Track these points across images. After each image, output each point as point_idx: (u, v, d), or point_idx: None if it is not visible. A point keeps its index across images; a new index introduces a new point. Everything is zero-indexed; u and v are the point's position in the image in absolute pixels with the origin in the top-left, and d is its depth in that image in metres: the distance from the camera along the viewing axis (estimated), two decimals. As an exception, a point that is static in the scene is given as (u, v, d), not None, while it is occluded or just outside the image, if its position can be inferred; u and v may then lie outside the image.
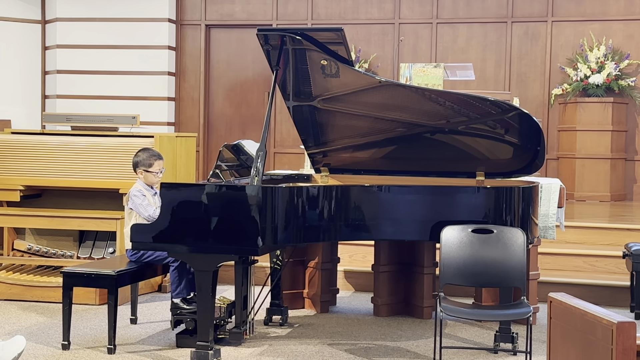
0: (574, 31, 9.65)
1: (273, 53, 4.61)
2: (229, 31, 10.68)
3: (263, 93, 10.45)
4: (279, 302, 5.34)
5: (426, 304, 5.51)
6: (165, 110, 10.48)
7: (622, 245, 6.00)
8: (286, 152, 10.41)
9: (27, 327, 5.11)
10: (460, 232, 4.31)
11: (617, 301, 5.91)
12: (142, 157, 4.96)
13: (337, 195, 4.31)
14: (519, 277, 4.24)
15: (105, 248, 6.16)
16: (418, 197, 4.45)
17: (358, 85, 4.79)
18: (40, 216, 5.96)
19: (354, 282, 6.45)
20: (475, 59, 9.76)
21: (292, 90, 4.93)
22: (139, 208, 4.82)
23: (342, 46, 4.53)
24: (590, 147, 9.20)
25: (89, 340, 4.81)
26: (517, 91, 9.61)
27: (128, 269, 4.73)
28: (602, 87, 9.21)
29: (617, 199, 9.22)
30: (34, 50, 10.70)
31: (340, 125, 5.10)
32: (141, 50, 10.43)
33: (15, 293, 5.85)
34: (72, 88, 10.50)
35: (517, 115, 4.65)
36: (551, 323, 3.12)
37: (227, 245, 4.13)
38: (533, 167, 4.77)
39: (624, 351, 2.55)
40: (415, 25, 10.09)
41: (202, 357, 4.19)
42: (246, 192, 4.10)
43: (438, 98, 4.80)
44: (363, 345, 4.84)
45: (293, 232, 4.18)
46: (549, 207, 5.36)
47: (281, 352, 4.63)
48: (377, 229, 4.43)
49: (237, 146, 5.07)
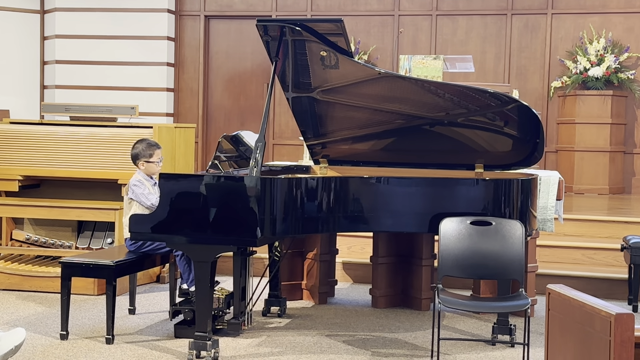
0: (573, 24, 9.64)
1: (272, 44, 4.60)
2: (228, 22, 10.65)
3: (262, 84, 10.44)
4: (278, 293, 5.35)
5: (424, 295, 5.52)
6: (164, 101, 10.47)
7: (620, 238, 6.01)
8: (285, 144, 10.40)
9: (25, 317, 5.11)
10: (459, 224, 4.31)
11: (615, 294, 5.92)
12: (140, 148, 4.96)
13: (336, 187, 4.31)
14: (517, 270, 4.24)
15: (103, 238, 6.16)
16: (417, 189, 4.45)
17: (357, 76, 4.78)
18: (39, 206, 5.96)
19: (353, 274, 6.45)
20: (475, 51, 9.74)
21: (291, 82, 4.92)
22: (141, 197, 4.82)
23: (342, 37, 4.51)
24: (589, 139, 9.19)
25: (88, 330, 4.82)
26: (517, 84, 9.59)
27: (126, 259, 4.73)
28: (602, 80, 9.20)
29: (615, 192, 9.22)
30: (32, 40, 10.67)
31: (340, 116, 5.09)
32: (140, 40, 10.41)
33: (13, 283, 5.85)
34: (70, 78, 10.47)
35: (516, 108, 4.64)
36: (549, 315, 3.13)
37: (226, 236, 4.13)
38: (532, 159, 4.76)
39: (622, 343, 2.56)
40: (415, 17, 10.07)
41: (200, 348, 4.19)
42: (245, 183, 4.10)
43: (437, 90, 4.79)
44: (361, 336, 4.85)
45: (292, 224, 4.18)
46: (547, 200, 5.36)
47: (279, 342, 4.63)
48: (375, 221, 4.43)
49: (236, 137, 5.06)
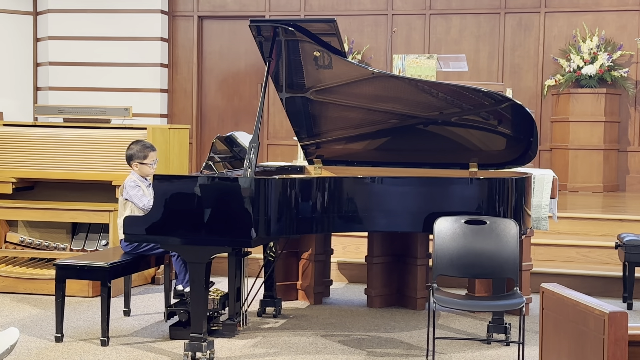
0: (567, 22, 9.66)
1: (266, 44, 4.60)
2: (222, 22, 10.64)
3: (256, 84, 10.43)
4: (273, 293, 5.34)
5: (419, 295, 5.53)
6: (158, 102, 10.46)
7: (614, 235, 6.02)
8: (279, 144, 10.40)
9: (20, 319, 5.10)
10: (453, 224, 4.32)
11: (610, 291, 5.93)
12: (135, 149, 4.96)
13: (330, 187, 4.31)
14: (511, 268, 4.25)
15: (98, 240, 6.15)
16: (411, 188, 4.45)
17: (351, 76, 4.78)
18: (33, 208, 5.95)
19: (348, 274, 6.45)
20: (469, 50, 9.76)
21: (284, 82, 4.92)
22: (134, 199, 4.82)
23: (335, 37, 4.51)
24: (583, 138, 9.21)
25: (82, 332, 4.81)
26: (510, 82, 9.61)
27: (121, 261, 4.72)
28: (595, 78, 9.21)
29: (609, 190, 9.24)
30: (25, 42, 10.65)
31: (334, 116, 5.09)
32: (133, 41, 10.40)
33: (7, 285, 5.83)
34: (64, 80, 10.45)
35: (510, 107, 4.65)
36: (543, 314, 3.13)
37: (220, 237, 4.12)
38: (526, 158, 4.77)
39: (615, 341, 2.57)
40: (408, 16, 10.07)
41: (195, 349, 4.19)
42: (239, 184, 4.09)
43: (431, 89, 4.79)
44: (356, 336, 4.85)
45: (286, 224, 4.18)
46: (541, 198, 5.37)
47: (275, 343, 4.63)
48: (370, 221, 4.43)
49: (230, 138, 5.06)
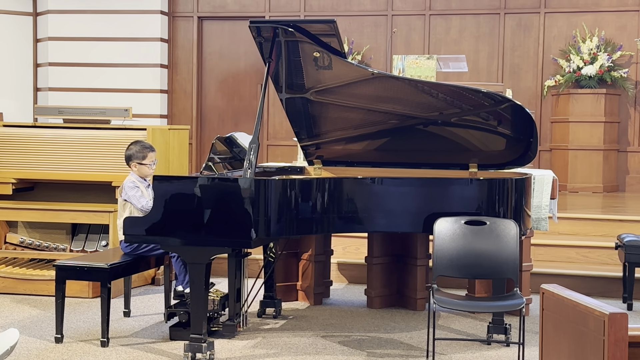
0: (566, 22, 9.65)
1: (265, 45, 4.60)
2: (222, 23, 10.64)
3: (256, 85, 10.43)
4: (273, 294, 5.34)
5: (419, 295, 5.52)
6: (158, 102, 10.45)
7: (614, 236, 6.02)
8: (279, 145, 10.39)
9: (20, 320, 5.10)
10: (453, 224, 4.32)
11: (610, 292, 5.93)
12: (134, 150, 4.96)
13: (330, 188, 4.31)
14: (511, 269, 4.25)
15: (98, 241, 6.15)
16: (411, 189, 4.45)
17: (351, 77, 4.78)
18: (33, 209, 5.95)
19: (348, 274, 6.45)
20: (468, 51, 9.76)
21: (284, 83, 4.92)
22: (132, 200, 4.82)
23: (335, 38, 4.51)
24: (583, 138, 9.21)
25: (82, 333, 4.81)
26: (510, 83, 9.61)
27: (121, 262, 4.72)
28: (595, 79, 9.21)
29: (609, 190, 9.24)
30: (25, 43, 10.65)
31: (333, 117, 5.09)
32: (133, 42, 10.39)
33: (7, 286, 5.83)
34: (64, 80, 10.45)
35: (509, 107, 4.65)
36: (543, 315, 3.13)
37: (220, 238, 4.12)
38: (526, 158, 4.77)
39: (615, 342, 2.56)
40: (408, 17, 10.07)
41: (195, 350, 4.19)
42: (239, 185, 4.09)
43: (431, 90, 4.79)
44: (356, 337, 4.85)
45: (286, 225, 4.18)
46: (541, 199, 5.37)
47: (275, 344, 4.63)
48: (370, 221, 4.43)
49: (229, 138, 5.06)
